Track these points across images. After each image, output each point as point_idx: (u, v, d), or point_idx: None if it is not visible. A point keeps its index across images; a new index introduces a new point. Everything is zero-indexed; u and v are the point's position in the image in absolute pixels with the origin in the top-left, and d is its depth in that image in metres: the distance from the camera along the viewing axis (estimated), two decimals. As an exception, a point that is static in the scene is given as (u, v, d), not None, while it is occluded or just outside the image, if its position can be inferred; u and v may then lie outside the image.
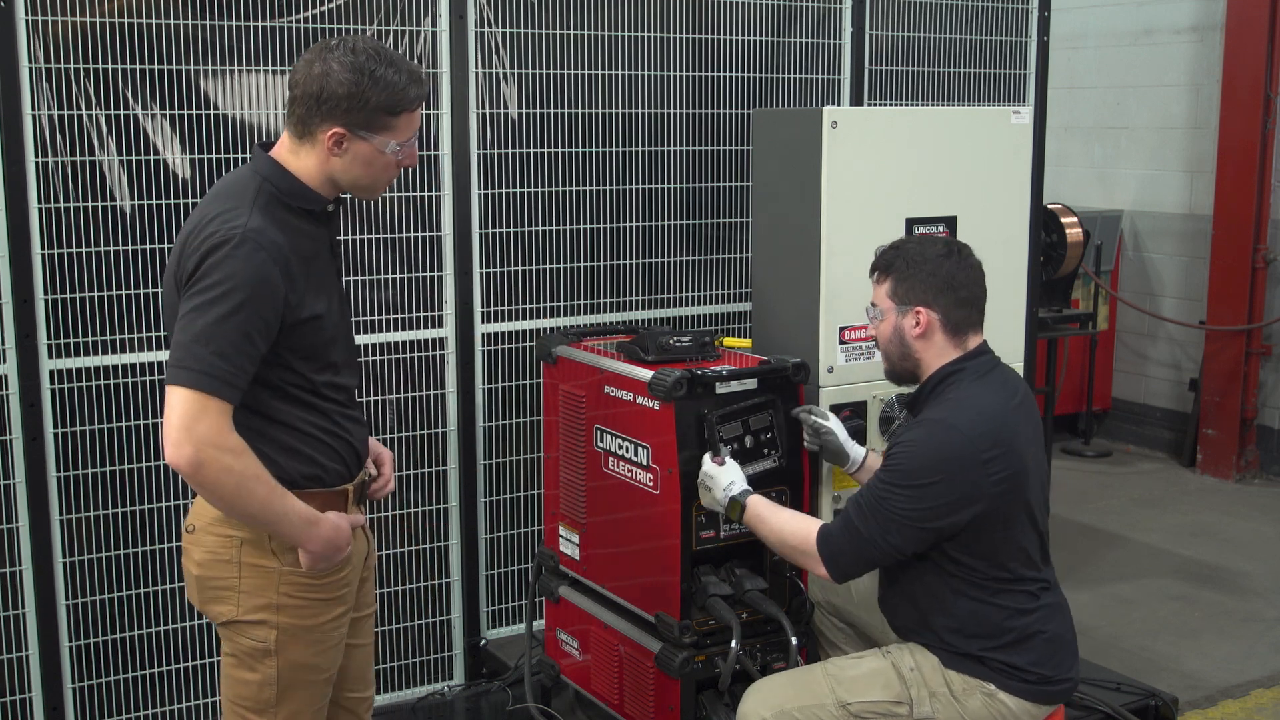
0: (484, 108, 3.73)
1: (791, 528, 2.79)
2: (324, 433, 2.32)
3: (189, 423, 2.09)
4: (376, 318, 3.65)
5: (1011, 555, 2.71)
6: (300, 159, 2.27)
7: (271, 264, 2.14)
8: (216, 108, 3.36)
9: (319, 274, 2.29)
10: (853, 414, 3.33)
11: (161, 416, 3.27)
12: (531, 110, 3.81)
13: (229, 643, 2.33)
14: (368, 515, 2.58)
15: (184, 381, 2.09)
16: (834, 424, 3.13)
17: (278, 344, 2.20)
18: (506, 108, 3.78)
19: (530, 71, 3.79)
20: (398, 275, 3.67)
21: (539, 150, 3.84)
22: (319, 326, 2.26)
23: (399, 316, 3.68)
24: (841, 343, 3.35)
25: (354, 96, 2.19)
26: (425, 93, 2.29)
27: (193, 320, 2.11)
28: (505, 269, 3.84)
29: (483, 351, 3.83)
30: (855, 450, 3.14)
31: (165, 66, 3.28)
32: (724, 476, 2.90)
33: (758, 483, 2.99)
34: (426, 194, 3.69)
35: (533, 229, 3.86)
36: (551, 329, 3.86)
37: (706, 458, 2.94)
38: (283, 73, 3.41)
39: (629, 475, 3.12)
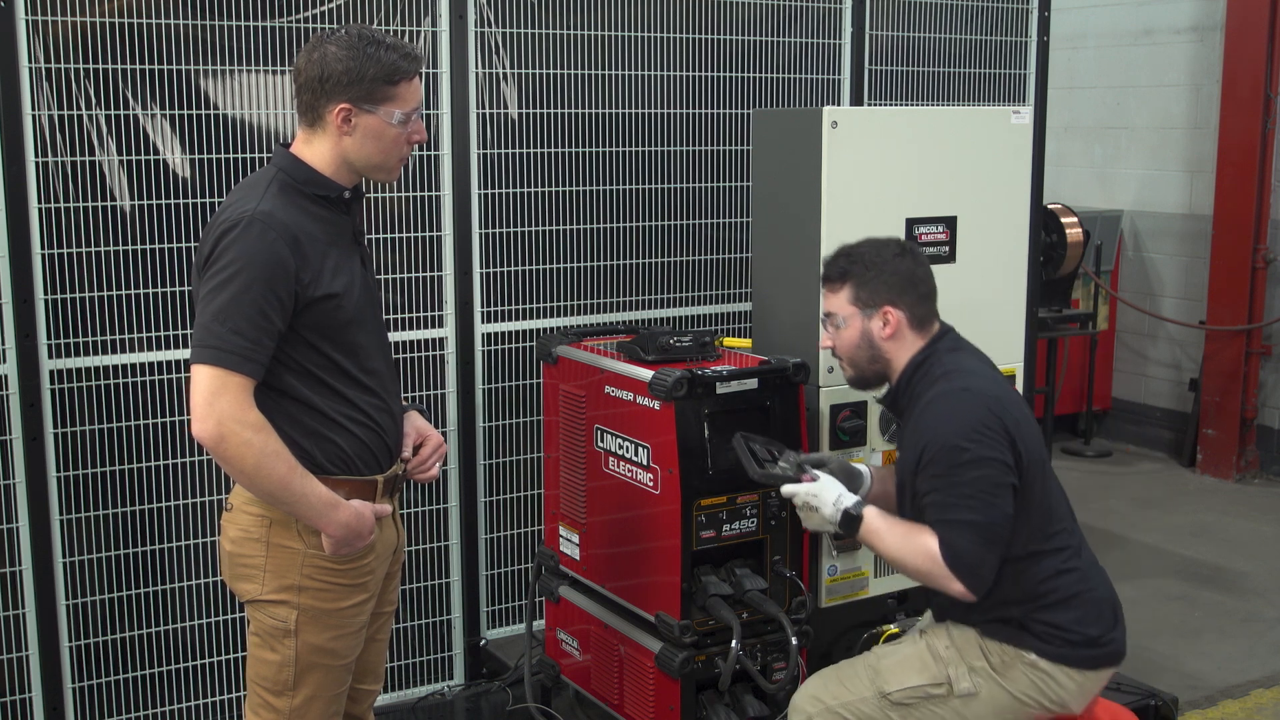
0: (484, 108, 3.73)
1: (911, 546, 2.59)
2: (350, 420, 2.36)
3: (210, 398, 2.17)
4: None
5: (1054, 507, 2.67)
6: (313, 147, 2.36)
7: (281, 243, 2.22)
8: (216, 108, 3.36)
9: (338, 258, 2.35)
10: (852, 414, 3.32)
11: (161, 416, 3.35)
12: (531, 110, 3.81)
13: (253, 621, 2.40)
14: (400, 509, 2.60)
15: (205, 359, 2.18)
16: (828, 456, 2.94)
17: (298, 323, 2.27)
18: (506, 108, 3.78)
19: (530, 71, 3.79)
20: (398, 275, 3.67)
21: (539, 150, 3.84)
22: (336, 305, 2.32)
23: (399, 316, 3.68)
24: (841, 343, 3.35)
25: (352, 71, 2.28)
26: (419, 64, 2.38)
27: (210, 300, 2.20)
28: (505, 269, 3.84)
29: (483, 351, 3.83)
30: (862, 469, 2.94)
31: (165, 66, 3.28)
32: (828, 491, 2.69)
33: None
34: (426, 194, 3.69)
35: (533, 229, 3.86)
36: (551, 329, 3.86)
37: (786, 485, 2.75)
38: (283, 73, 3.41)
39: (629, 475, 3.12)
